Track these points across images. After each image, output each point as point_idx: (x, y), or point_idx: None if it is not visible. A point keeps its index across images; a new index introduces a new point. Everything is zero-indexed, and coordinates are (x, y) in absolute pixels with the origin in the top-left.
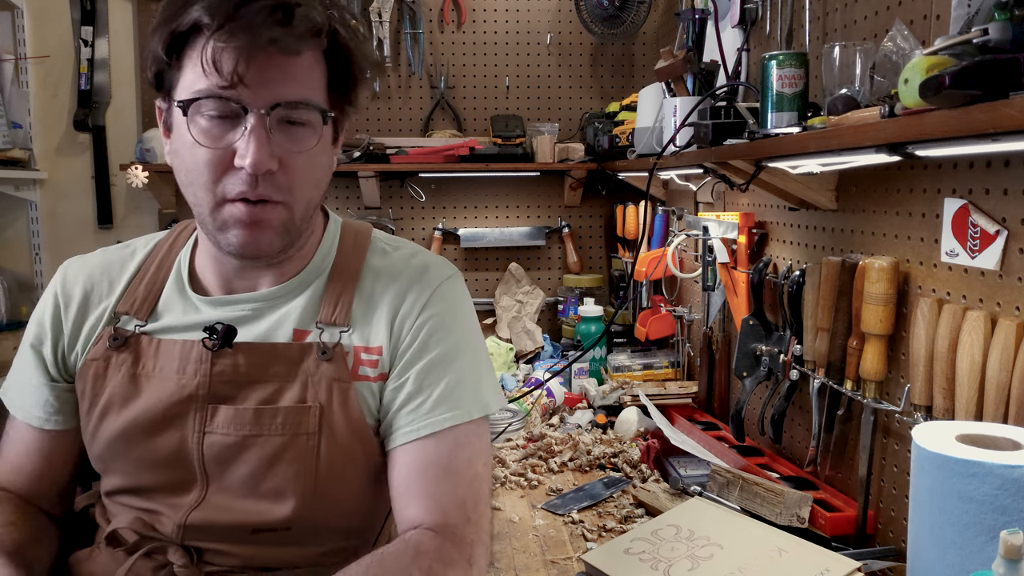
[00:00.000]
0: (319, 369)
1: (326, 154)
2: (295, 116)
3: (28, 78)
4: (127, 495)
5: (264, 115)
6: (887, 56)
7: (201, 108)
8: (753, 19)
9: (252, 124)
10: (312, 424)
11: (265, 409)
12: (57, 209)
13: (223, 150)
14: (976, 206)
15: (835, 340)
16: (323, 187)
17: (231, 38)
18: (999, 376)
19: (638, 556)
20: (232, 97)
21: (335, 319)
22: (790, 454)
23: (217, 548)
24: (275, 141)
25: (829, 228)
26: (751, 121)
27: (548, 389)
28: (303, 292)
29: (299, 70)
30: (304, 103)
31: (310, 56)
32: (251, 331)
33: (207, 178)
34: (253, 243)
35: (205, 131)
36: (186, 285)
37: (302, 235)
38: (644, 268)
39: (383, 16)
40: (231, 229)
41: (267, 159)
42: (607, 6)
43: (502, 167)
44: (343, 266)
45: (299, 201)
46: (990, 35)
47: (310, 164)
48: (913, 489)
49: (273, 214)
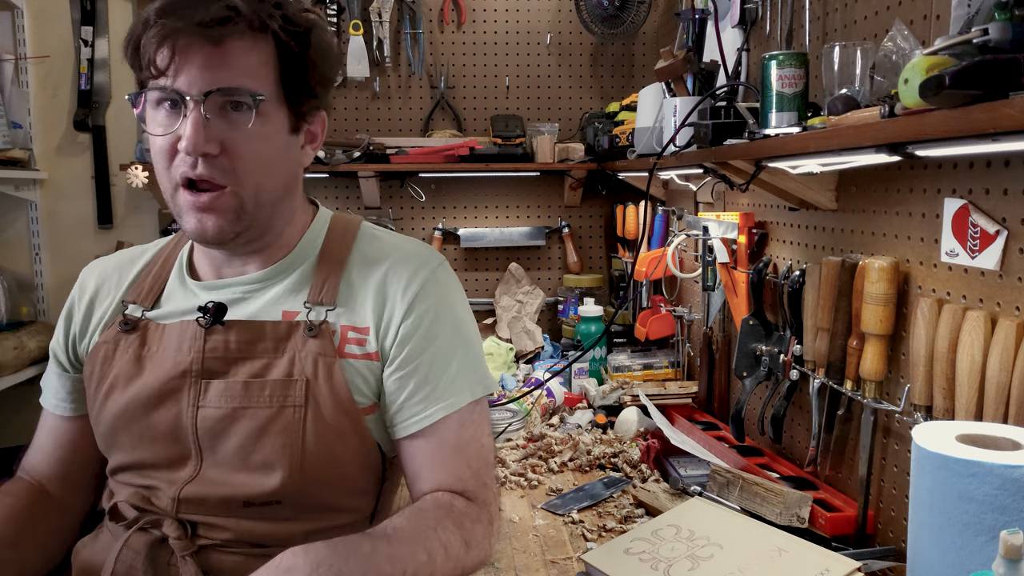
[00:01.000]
0: (305, 345)
1: (280, 140)
2: (235, 101)
3: (28, 78)
4: (128, 472)
5: (199, 101)
6: (887, 56)
7: (147, 99)
8: (753, 19)
9: (190, 109)
10: (298, 396)
11: (254, 382)
12: (57, 209)
13: (172, 136)
14: (976, 206)
15: (835, 340)
16: (279, 174)
17: (155, 30)
18: (999, 376)
19: (638, 556)
20: (168, 86)
21: (322, 299)
22: (790, 454)
23: (210, 522)
24: (214, 125)
25: (829, 228)
26: (751, 121)
27: (548, 389)
28: (290, 275)
29: (229, 57)
30: (236, 89)
31: (242, 43)
32: (242, 311)
33: (162, 164)
34: (202, 229)
35: (158, 121)
36: (185, 274)
37: (266, 222)
38: (644, 268)
39: (383, 16)
40: (185, 215)
41: (202, 142)
42: (607, 6)
43: (502, 167)
44: (332, 250)
45: (247, 185)
46: (990, 35)
47: (255, 148)
48: (913, 489)
49: (220, 201)
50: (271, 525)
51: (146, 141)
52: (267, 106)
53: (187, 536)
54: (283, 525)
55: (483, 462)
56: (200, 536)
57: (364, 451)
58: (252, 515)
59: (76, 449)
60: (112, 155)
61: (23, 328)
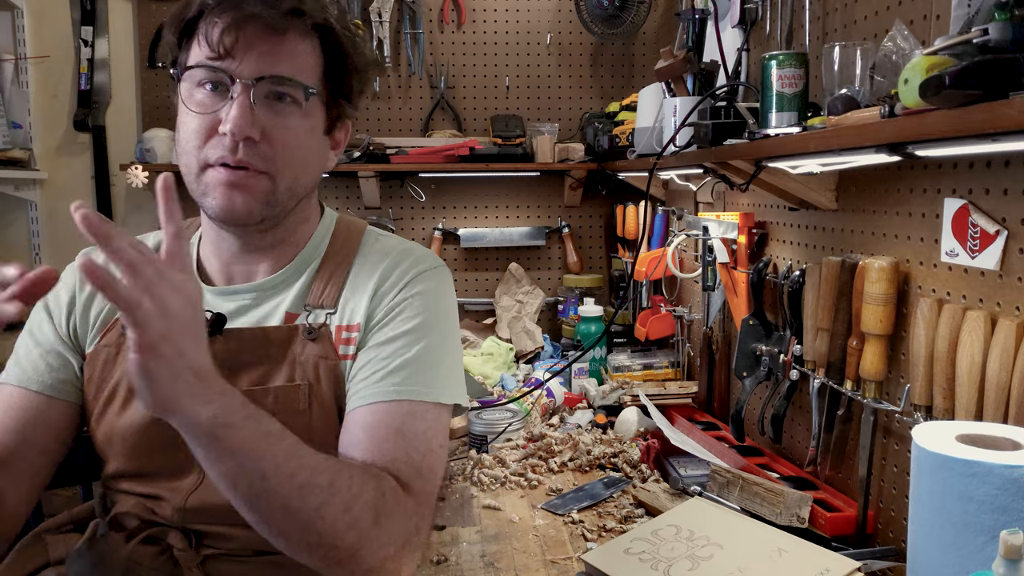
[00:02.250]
0: (305, 349)
1: (316, 137)
2: (281, 91)
3: (28, 78)
4: (128, 480)
5: (249, 85)
6: (887, 56)
7: (195, 78)
8: (753, 19)
9: (237, 92)
10: (302, 402)
11: (256, 390)
12: (57, 209)
13: (211, 117)
14: (976, 206)
15: (835, 340)
16: (313, 171)
17: (223, 14)
18: (999, 376)
19: (638, 556)
20: (221, 67)
21: (322, 302)
22: (790, 454)
23: (217, 531)
24: (259, 112)
25: (829, 228)
26: (751, 121)
27: (548, 389)
28: (298, 280)
29: (287, 48)
30: (289, 79)
31: (300, 39)
32: (248, 318)
33: (194, 143)
34: (231, 205)
35: (198, 101)
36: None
37: (288, 213)
38: (644, 268)
39: (383, 16)
40: (211, 192)
41: (248, 126)
42: (607, 6)
43: (502, 167)
44: (335, 252)
45: (283, 174)
46: (990, 35)
47: (295, 141)
48: (913, 489)
49: (254, 181)
50: None
51: (147, 141)
52: (311, 102)
53: (192, 547)
54: None
55: (425, 460)
56: (206, 546)
57: None
58: None
59: (41, 433)
60: (112, 155)
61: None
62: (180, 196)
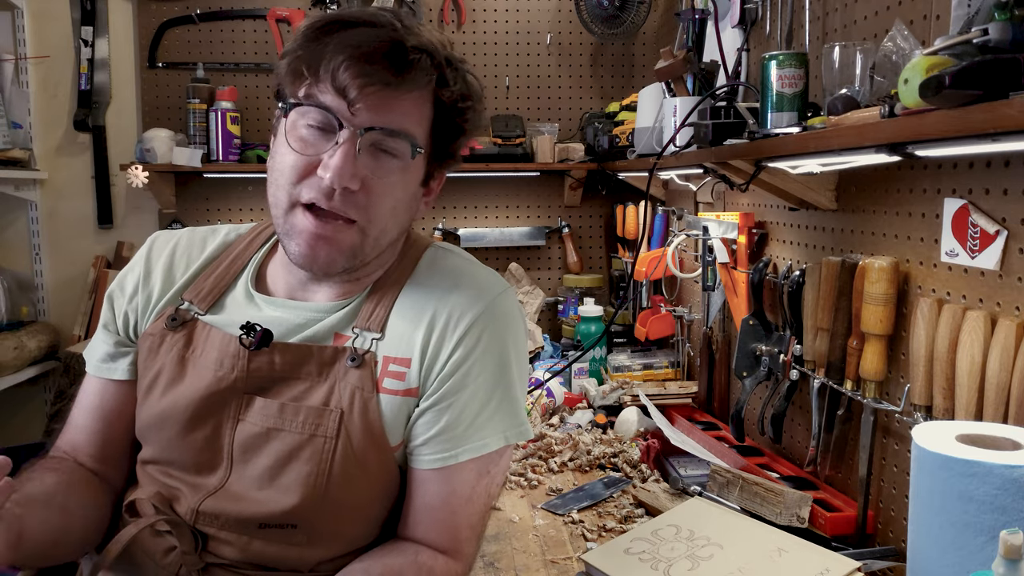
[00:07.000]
0: (346, 375)
1: (411, 191)
2: (387, 144)
3: (28, 78)
4: (156, 466)
5: (358, 134)
6: (887, 56)
7: (303, 115)
8: (753, 19)
9: (344, 139)
10: (331, 428)
11: (289, 405)
12: (57, 209)
13: (310, 157)
14: (976, 206)
15: (835, 340)
16: (401, 222)
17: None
18: (999, 376)
19: (638, 556)
20: (333, 109)
21: (369, 324)
22: (790, 454)
23: (224, 538)
24: (361, 162)
25: (829, 228)
26: (751, 121)
27: (548, 389)
28: (354, 301)
29: (403, 103)
30: (399, 132)
31: (416, 94)
32: (299, 335)
33: (288, 179)
34: (313, 255)
35: (300, 137)
36: (250, 286)
37: (370, 263)
38: (644, 268)
39: None
40: (296, 237)
41: (349, 175)
42: (607, 6)
43: (502, 167)
44: (391, 272)
45: (374, 226)
46: (990, 35)
47: (392, 194)
48: (913, 489)
49: (344, 234)
50: (283, 548)
51: (147, 141)
52: (416, 159)
53: (196, 551)
54: (294, 549)
55: (482, 517)
56: (210, 552)
57: (386, 481)
58: (266, 537)
59: (106, 415)
60: (112, 155)
61: (23, 328)
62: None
